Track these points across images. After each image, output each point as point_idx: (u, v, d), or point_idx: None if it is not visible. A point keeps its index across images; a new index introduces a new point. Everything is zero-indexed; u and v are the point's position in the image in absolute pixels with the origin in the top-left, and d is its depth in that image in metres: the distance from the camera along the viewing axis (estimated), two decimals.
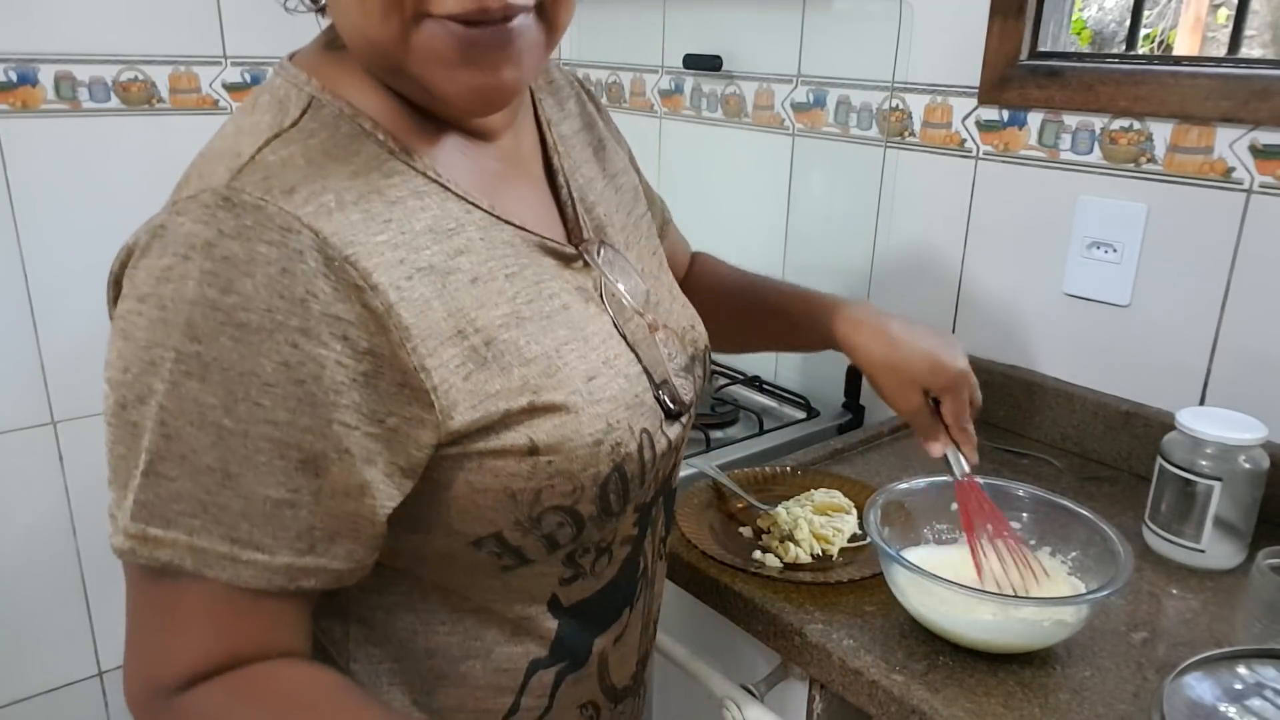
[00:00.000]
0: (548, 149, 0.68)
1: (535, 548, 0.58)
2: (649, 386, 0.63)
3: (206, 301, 0.46)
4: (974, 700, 0.73)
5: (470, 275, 0.55)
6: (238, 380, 0.47)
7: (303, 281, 0.48)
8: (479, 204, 0.58)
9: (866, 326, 0.82)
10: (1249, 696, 0.66)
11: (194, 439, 0.47)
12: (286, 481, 0.49)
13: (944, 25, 1.25)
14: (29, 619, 1.58)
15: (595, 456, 0.58)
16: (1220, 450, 0.91)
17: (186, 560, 0.48)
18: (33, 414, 1.51)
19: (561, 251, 0.62)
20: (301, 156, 0.51)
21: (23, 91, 1.41)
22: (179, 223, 0.48)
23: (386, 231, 0.51)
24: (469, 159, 0.60)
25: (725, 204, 1.62)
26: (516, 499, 0.56)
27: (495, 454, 0.54)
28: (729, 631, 0.91)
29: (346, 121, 0.54)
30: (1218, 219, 1.04)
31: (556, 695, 0.65)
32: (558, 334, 0.58)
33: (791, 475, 1.08)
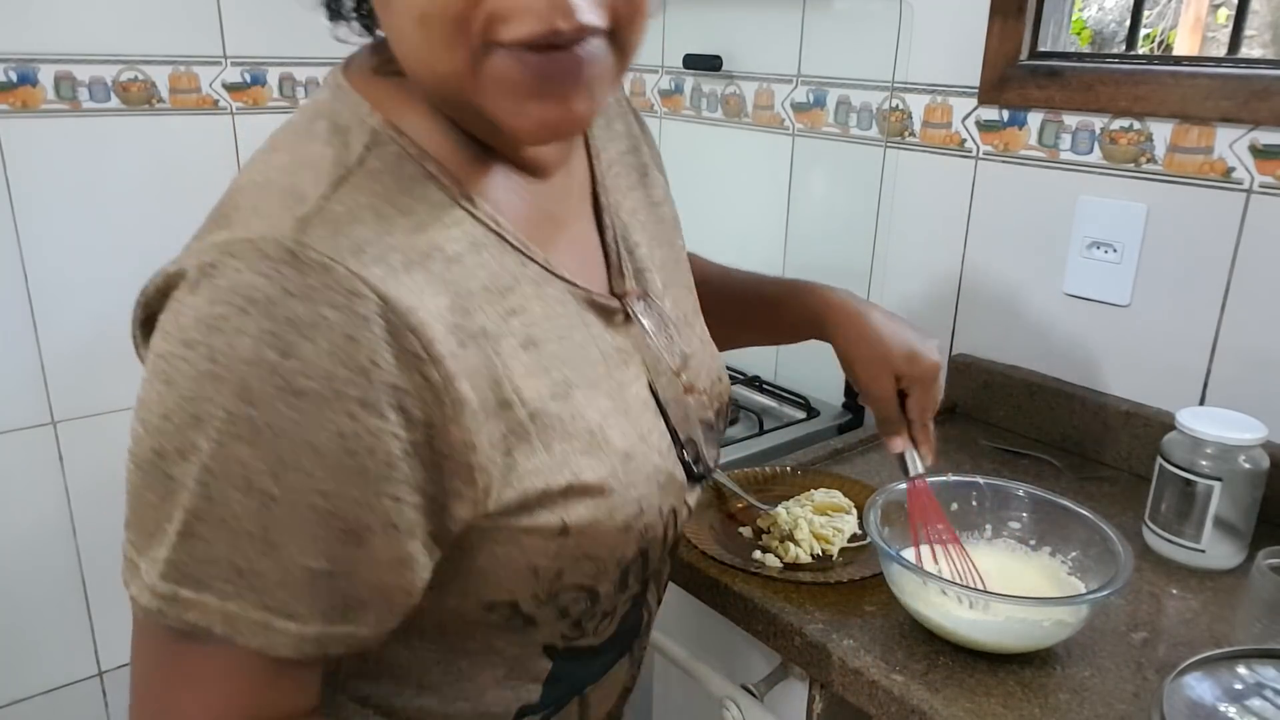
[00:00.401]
0: (596, 183, 0.66)
1: (547, 616, 0.58)
2: (676, 454, 0.62)
3: (265, 364, 0.43)
4: (974, 700, 0.73)
5: (522, 339, 0.53)
6: (290, 448, 0.44)
7: (366, 350, 0.45)
8: (534, 256, 0.56)
9: (848, 311, 0.83)
10: (1249, 696, 0.66)
11: (237, 504, 0.45)
12: (327, 551, 0.47)
13: (944, 25, 1.25)
14: (29, 619, 1.58)
15: (624, 540, 0.57)
16: (1220, 450, 0.91)
17: (217, 625, 0.46)
18: (33, 414, 1.51)
19: (606, 306, 0.60)
20: (369, 209, 0.49)
21: (23, 91, 1.41)
22: (235, 267, 0.45)
23: (445, 294, 0.49)
24: (524, 201, 0.58)
25: (725, 204, 1.62)
26: (538, 575, 0.55)
27: (526, 531, 0.53)
28: (729, 631, 0.91)
29: (410, 162, 0.52)
30: (1218, 219, 1.04)
31: None
32: (601, 404, 0.56)
33: (791, 475, 1.08)
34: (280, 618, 0.46)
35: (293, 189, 0.48)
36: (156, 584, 0.46)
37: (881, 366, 0.81)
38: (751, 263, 0.98)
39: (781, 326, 0.89)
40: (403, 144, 0.52)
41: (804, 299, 0.86)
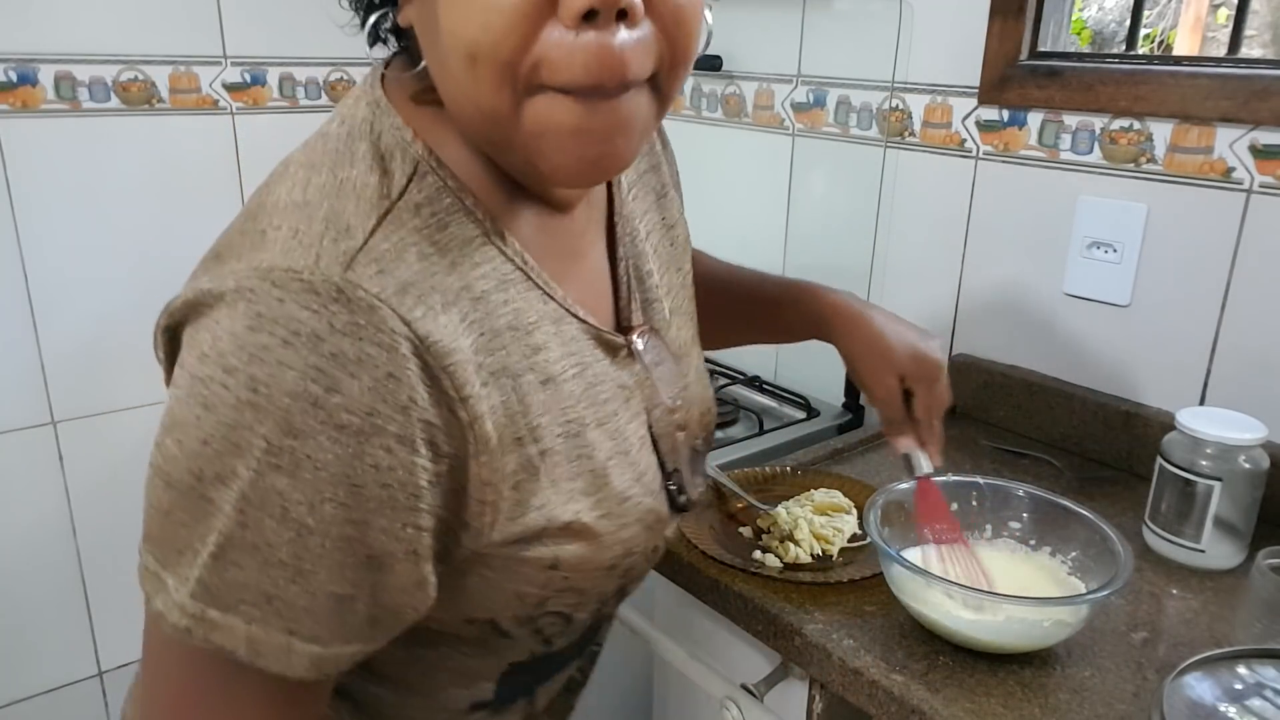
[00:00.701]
0: (614, 210, 0.67)
1: (522, 635, 0.59)
2: (664, 492, 0.64)
3: (309, 397, 0.44)
4: (974, 700, 0.73)
5: (542, 376, 0.54)
6: (328, 481, 0.45)
7: (406, 388, 0.46)
8: (554, 295, 0.56)
9: (850, 312, 0.83)
10: (1249, 696, 0.66)
11: (272, 532, 0.46)
12: (353, 578, 0.48)
13: (944, 25, 1.25)
14: (29, 619, 1.58)
15: (608, 578, 0.59)
16: (1220, 450, 0.91)
17: (240, 648, 0.47)
18: (33, 414, 1.51)
19: (612, 343, 0.61)
20: (413, 247, 0.49)
21: (23, 91, 1.41)
22: (278, 296, 0.45)
23: (472, 333, 0.50)
24: (548, 236, 0.58)
25: (725, 204, 1.62)
26: (523, 600, 0.56)
27: (520, 561, 0.54)
28: (729, 631, 0.91)
29: (448, 195, 0.52)
30: (1218, 219, 1.04)
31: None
32: (606, 445, 0.58)
33: (791, 475, 1.08)
34: (302, 641, 0.47)
35: (337, 218, 0.48)
36: (186, 603, 0.47)
37: (884, 366, 0.81)
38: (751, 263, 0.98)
39: (783, 327, 0.90)
40: (442, 175, 0.52)
41: (806, 300, 0.86)
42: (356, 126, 0.53)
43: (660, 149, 0.75)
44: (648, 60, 0.49)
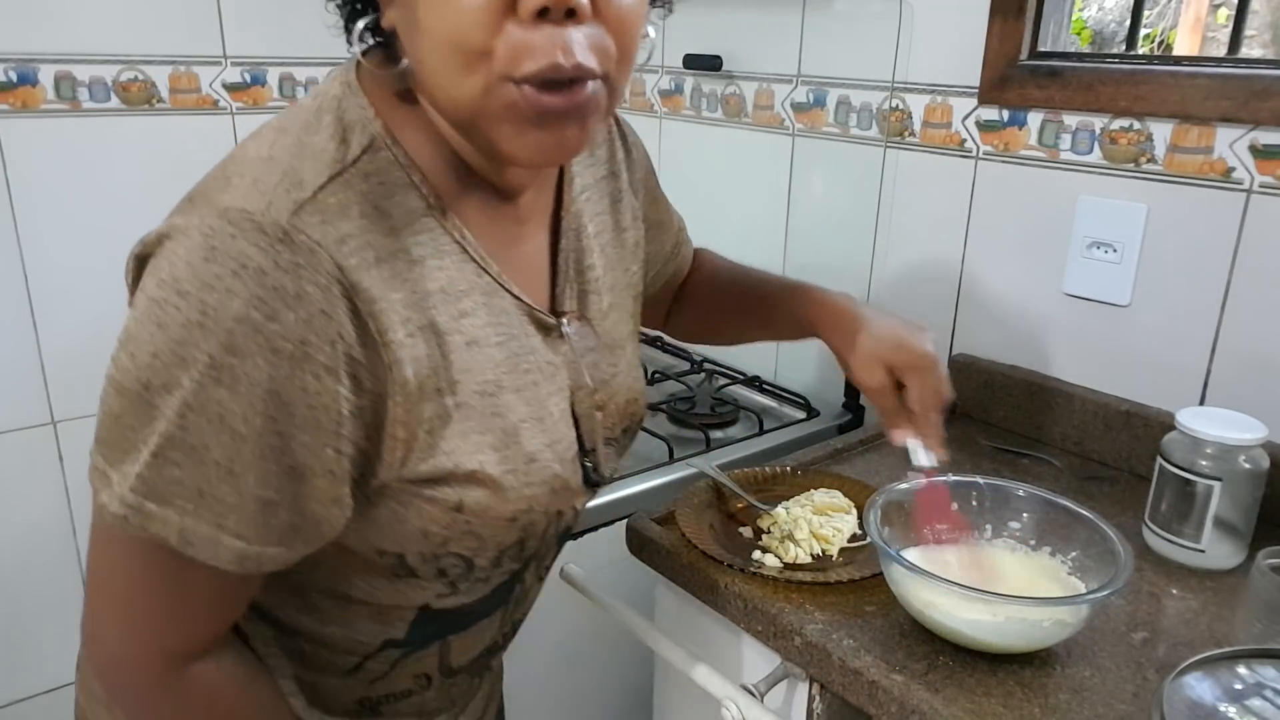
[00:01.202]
0: (561, 205, 0.72)
1: (427, 572, 0.65)
2: (578, 464, 0.69)
3: (251, 322, 0.51)
4: (974, 700, 0.73)
5: (467, 338, 0.60)
6: (262, 397, 0.52)
7: (336, 325, 0.53)
8: (489, 269, 0.63)
9: (839, 308, 0.86)
10: (1249, 696, 0.66)
11: (208, 436, 0.52)
12: (277, 485, 0.54)
13: (944, 25, 1.25)
14: (29, 619, 1.58)
15: (508, 529, 0.64)
16: (1220, 450, 0.91)
17: (173, 538, 0.53)
18: (33, 414, 1.51)
19: (544, 322, 0.67)
20: (357, 206, 0.56)
21: (23, 91, 1.41)
22: (231, 233, 0.51)
23: (402, 290, 0.57)
24: (491, 220, 0.64)
25: (725, 204, 1.62)
26: (427, 537, 0.62)
27: (426, 499, 0.60)
28: (729, 631, 0.91)
29: (398, 170, 0.59)
30: (1218, 219, 1.04)
31: (396, 667, 0.72)
32: (521, 410, 0.63)
33: (791, 475, 1.08)
34: (229, 535, 0.54)
35: (293, 173, 0.55)
36: (126, 495, 0.53)
37: (870, 356, 0.83)
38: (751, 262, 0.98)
39: (778, 325, 0.92)
40: (395, 152, 0.59)
41: (798, 299, 0.89)
42: (326, 102, 0.60)
43: (623, 157, 0.80)
44: (596, 54, 0.55)
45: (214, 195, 0.54)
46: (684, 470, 1.20)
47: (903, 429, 0.84)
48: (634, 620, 1.00)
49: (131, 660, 0.59)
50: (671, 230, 0.94)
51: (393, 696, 0.74)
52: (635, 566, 0.98)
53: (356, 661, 0.70)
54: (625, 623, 1.01)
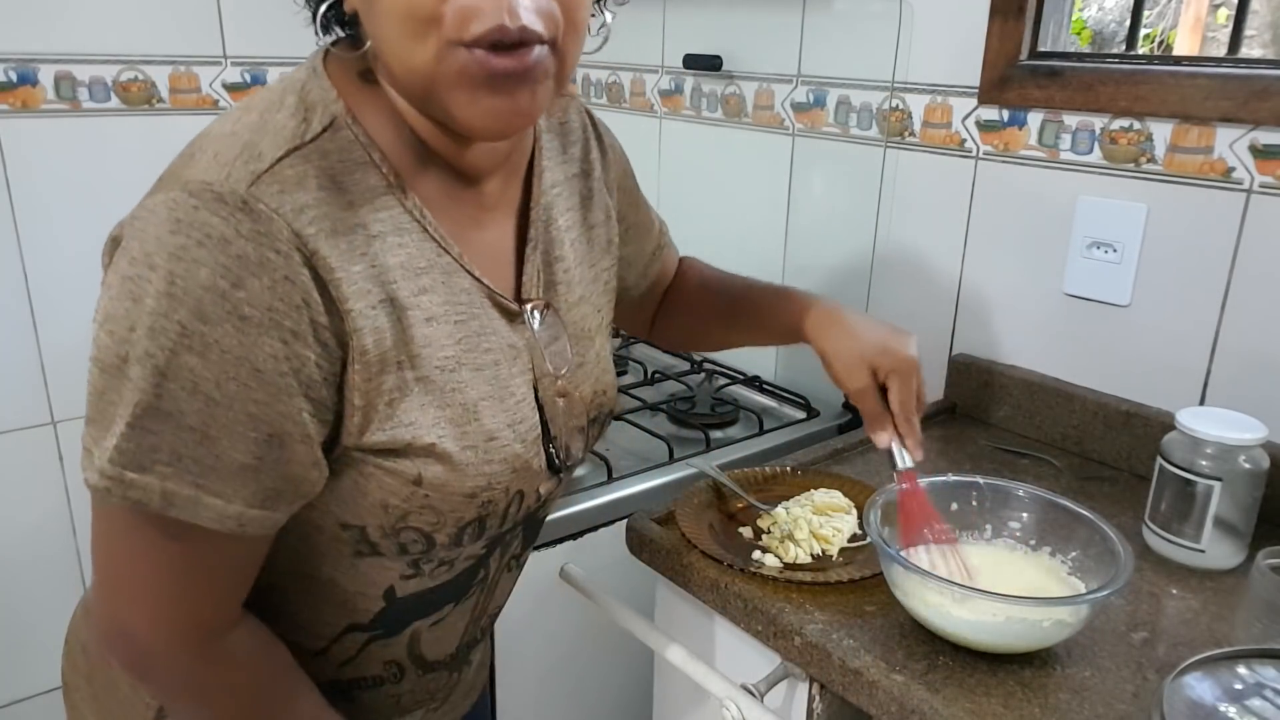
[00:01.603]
0: (529, 199, 0.73)
1: (389, 548, 0.66)
2: (541, 446, 0.70)
3: (218, 290, 0.52)
4: (974, 700, 0.73)
5: (426, 314, 0.62)
6: (233, 363, 0.54)
7: (301, 291, 0.55)
8: (449, 250, 0.64)
9: (824, 312, 0.88)
10: (1249, 696, 0.66)
11: (183, 403, 0.54)
12: (254, 450, 0.56)
13: (944, 25, 1.25)
14: (29, 619, 1.58)
15: (466, 506, 0.65)
16: (1220, 450, 0.91)
17: (155, 500, 0.55)
18: (33, 414, 1.51)
19: (506, 307, 0.68)
20: (314, 178, 0.57)
21: (23, 91, 1.41)
22: (192, 205, 0.53)
23: (361, 263, 0.58)
24: (453, 201, 0.66)
25: (725, 204, 1.62)
26: (387, 510, 0.63)
27: (386, 471, 0.62)
28: (729, 631, 0.91)
29: (358, 149, 0.60)
30: (1218, 219, 1.04)
31: (364, 651, 0.73)
32: (481, 388, 0.65)
33: (791, 475, 1.08)
34: (209, 495, 0.56)
35: (253, 147, 0.57)
36: (105, 467, 0.55)
37: (855, 359, 0.85)
38: (751, 263, 0.98)
39: (765, 329, 0.94)
40: (356, 132, 0.61)
41: (785, 304, 0.91)
42: (291, 84, 0.62)
43: (598, 156, 0.82)
44: (542, 19, 0.57)
45: (179, 172, 0.57)
46: (684, 470, 1.20)
47: (886, 431, 0.86)
48: (634, 620, 1.00)
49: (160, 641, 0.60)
50: (653, 232, 0.95)
51: (364, 682, 0.75)
52: (635, 566, 0.98)
53: (323, 645, 0.72)
54: (625, 623, 1.01)
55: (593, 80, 1.85)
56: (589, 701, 1.27)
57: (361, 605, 0.70)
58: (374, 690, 0.76)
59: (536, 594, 1.14)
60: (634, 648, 1.03)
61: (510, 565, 0.79)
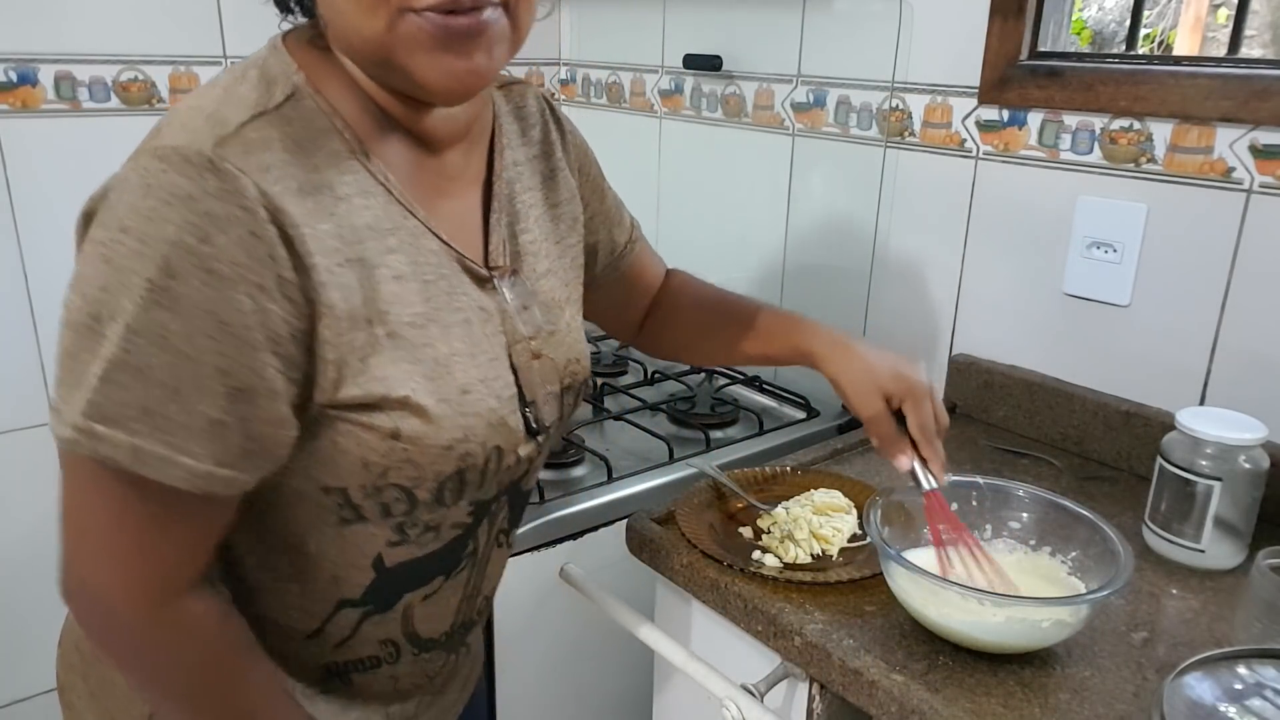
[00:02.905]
0: (492, 174, 0.75)
1: (372, 511, 0.66)
2: (518, 407, 0.71)
3: (185, 245, 0.54)
4: (974, 700, 0.73)
5: (395, 273, 0.63)
6: (201, 316, 0.55)
7: (267, 246, 0.56)
8: (415, 212, 0.66)
9: (834, 341, 0.89)
10: (1249, 696, 0.66)
11: (153, 357, 0.55)
12: (224, 405, 0.57)
13: (944, 25, 1.25)
14: (29, 619, 1.58)
15: (444, 458, 0.65)
16: (1220, 450, 0.91)
17: (125, 458, 0.55)
18: (33, 414, 1.51)
19: (476, 272, 0.70)
20: (279, 141, 0.59)
21: (23, 91, 1.41)
22: (162, 169, 0.55)
23: (329, 222, 0.60)
24: (417, 168, 0.68)
25: (725, 204, 1.62)
26: (367, 468, 0.64)
27: (363, 426, 0.62)
28: (729, 631, 0.91)
29: (321, 117, 0.62)
30: (1218, 219, 1.04)
31: (359, 630, 0.73)
32: (453, 344, 0.66)
33: (791, 475, 1.08)
34: (179, 454, 0.56)
35: (217, 114, 0.59)
36: (76, 420, 0.55)
37: (869, 386, 0.85)
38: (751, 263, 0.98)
39: (771, 351, 0.94)
40: (317, 101, 0.63)
41: (793, 328, 0.92)
42: (253, 61, 0.64)
43: (557, 139, 0.83)
44: None
45: (148, 144, 0.58)
46: (684, 470, 1.20)
47: (905, 455, 0.86)
48: (634, 620, 1.00)
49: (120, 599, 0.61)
50: (623, 227, 0.95)
51: (360, 664, 0.75)
52: (635, 566, 0.98)
53: (316, 625, 0.72)
54: (625, 623, 1.01)
55: (593, 80, 1.85)
56: (589, 701, 1.27)
57: (351, 578, 0.70)
58: (371, 672, 0.76)
59: (536, 594, 1.14)
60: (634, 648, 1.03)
61: (500, 540, 0.79)
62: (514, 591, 1.12)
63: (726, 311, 0.97)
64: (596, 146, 0.91)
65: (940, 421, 0.86)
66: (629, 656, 1.22)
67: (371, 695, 0.77)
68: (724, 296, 0.99)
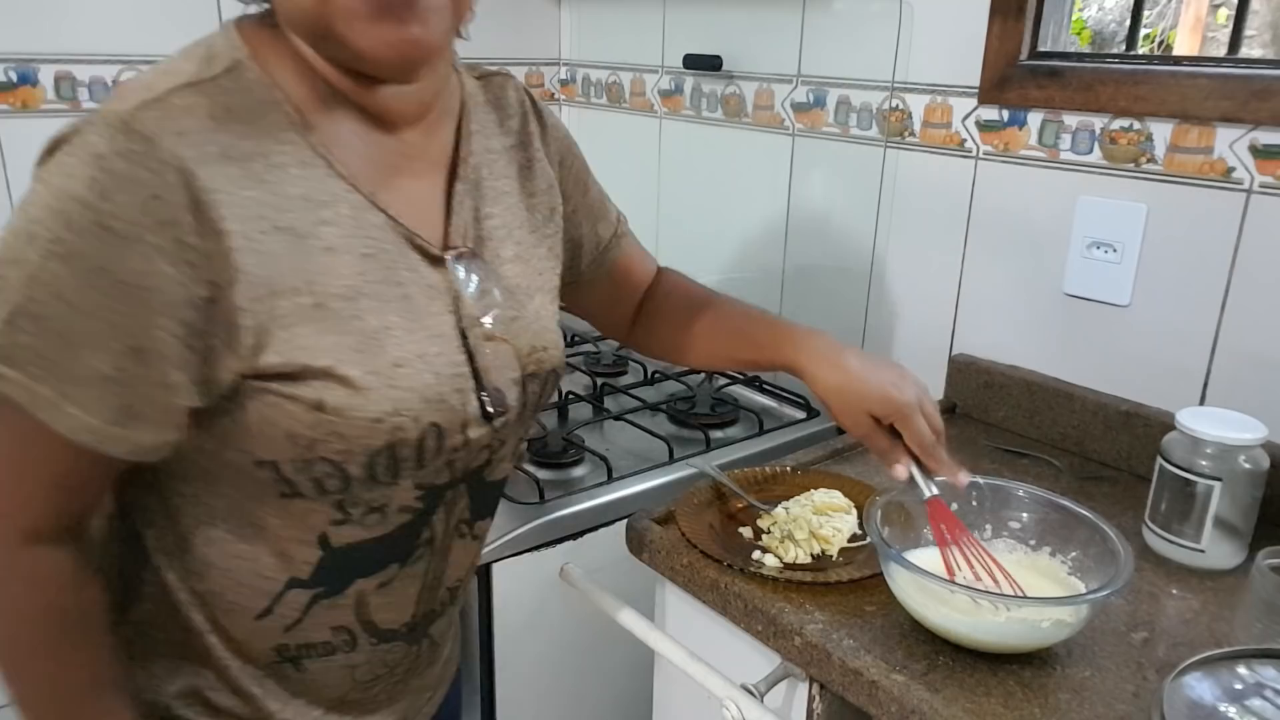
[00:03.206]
0: (459, 157, 0.75)
1: (307, 486, 0.66)
2: (467, 386, 0.70)
3: (85, 201, 0.56)
4: (974, 700, 0.73)
5: (327, 244, 0.64)
6: (95, 272, 0.56)
7: (169, 209, 0.57)
8: (359, 187, 0.66)
9: (822, 356, 0.85)
10: (1249, 696, 0.66)
11: (49, 307, 0.57)
12: (114, 362, 0.58)
13: (944, 25, 1.25)
14: None
15: (372, 431, 0.65)
16: (1220, 450, 0.91)
17: (22, 396, 0.58)
18: None
19: (427, 250, 0.70)
20: (205, 109, 0.60)
21: (23, 91, 1.41)
22: (83, 131, 0.58)
23: (257, 189, 0.61)
24: (367, 145, 0.68)
25: (725, 204, 1.62)
26: (295, 441, 0.64)
27: (287, 398, 0.62)
28: (729, 631, 0.91)
29: (263, 89, 0.63)
30: (1218, 219, 1.04)
31: (309, 613, 0.73)
32: (388, 318, 0.66)
33: (791, 475, 1.08)
34: (70, 404, 0.58)
35: (150, 84, 0.61)
36: None
37: (853, 408, 0.83)
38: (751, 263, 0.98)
39: (759, 358, 0.92)
40: (261, 75, 0.64)
41: (784, 349, 0.88)
42: (204, 39, 0.66)
43: (536, 130, 0.84)
44: None
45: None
46: (684, 470, 1.20)
47: (901, 464, 0.84)
48: (634, 620, 1.00)
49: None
50: (607, 220, 0.94)
51: (313, 649, 0.74)
52: (635, 566, 0.98)
53: (265, 604, 0.71)
54: (625, 623, 1.01)
55: (593, 80, 1.85)
56: (589, 701, 1.27)
57: (298, 555, 0.70)
58: (326, 660, 0.75)
59: (536, 594, 1.14)
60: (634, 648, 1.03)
61: (461, 531, 0.78)
62: (514, 591, 1.12)
63: (717, 315, 0.95)
64: (597, 146, 0.92)
65: (936, 430, 0.83)
66: (629, 656, 1.22)
67: (327, 683, 0.77)
68: (714, 299, 0.97)
